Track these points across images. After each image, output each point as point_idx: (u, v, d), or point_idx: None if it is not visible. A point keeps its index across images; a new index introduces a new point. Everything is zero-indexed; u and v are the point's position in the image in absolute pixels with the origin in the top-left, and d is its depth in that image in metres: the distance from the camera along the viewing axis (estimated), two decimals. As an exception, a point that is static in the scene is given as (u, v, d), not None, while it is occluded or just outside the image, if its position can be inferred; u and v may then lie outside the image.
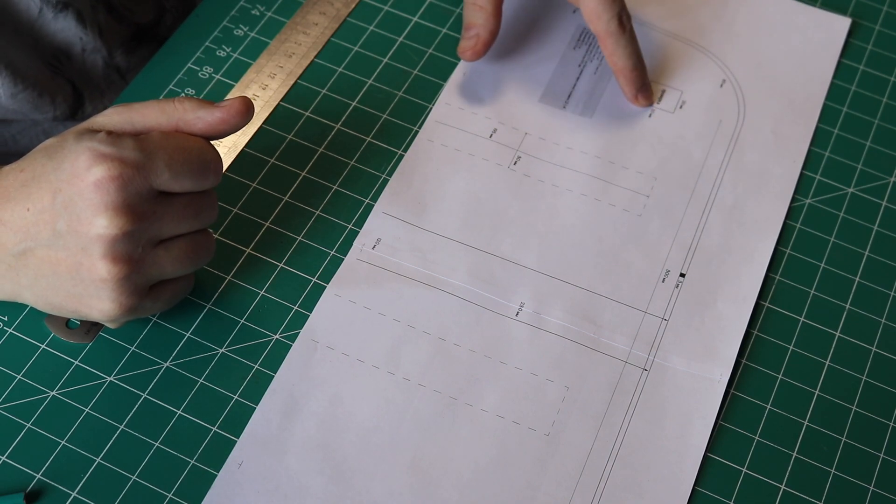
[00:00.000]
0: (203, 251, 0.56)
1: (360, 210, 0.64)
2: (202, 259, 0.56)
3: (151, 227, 0.52)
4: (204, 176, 0.54)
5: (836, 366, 0.61)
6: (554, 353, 0.60)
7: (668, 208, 0.66)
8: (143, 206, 0.51)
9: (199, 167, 0.53)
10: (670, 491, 0.56)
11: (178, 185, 0.53)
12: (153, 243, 0.53)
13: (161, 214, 0.52)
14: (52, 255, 0.52)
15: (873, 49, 0.75)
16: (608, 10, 0.67)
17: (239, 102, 0.54)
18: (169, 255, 0.54)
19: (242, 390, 0.58)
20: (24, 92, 0.68)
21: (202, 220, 0.55)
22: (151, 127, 0.53)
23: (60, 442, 0.56)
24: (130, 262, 0.52)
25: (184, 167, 0.52)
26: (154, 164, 0.51)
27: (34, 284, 0.53)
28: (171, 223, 0.53)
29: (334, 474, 0.55)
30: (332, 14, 0.73)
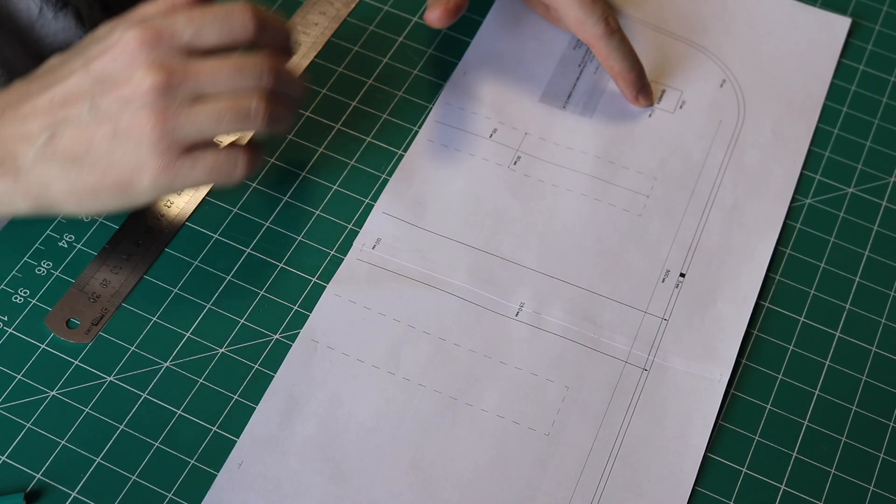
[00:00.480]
0: (244, 112, 0.54)
1: (360, 210, 0.64)
2: (244, 121, 0.55)
3: (187, 80, 0.53)
4: (229, 26, 0.54)
5: (836, 366, 0.61)
6: (554, 353, 0.60)
7: (668, 208, 0.66)
8: (175, 61, 0.53)
9: (223, 17, 0.54)
10: (670, 491, 0.56)
11: (202, 37, 0.53)
12: (192, 98, 0.53)
13: (196, 68, 0.53)
14: (85, 130, 0.52)
15: (873, 49, 0.75)
16: (591, 15, 0.67)
17: None
18: (206, 110, 0.53)
19: (242, 390, 0.58)
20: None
21: (248, 78, 0.54)
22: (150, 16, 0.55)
23: (60, 442, 0.56)
24: (168, 115, 0.52)
25: (204, 17, 0.53)
26: (176, 22, 0.53)
27: (66, 172, 0.53)
28: (207, 77, 0.53)
29: (334, 474, 0.55)
30: (332, 14, 0.73)
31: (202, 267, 0.62)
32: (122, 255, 0.61)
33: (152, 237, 0.62)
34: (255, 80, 0.55)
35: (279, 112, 0.55)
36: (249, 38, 0.55)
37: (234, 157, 0.55)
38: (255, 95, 0.54)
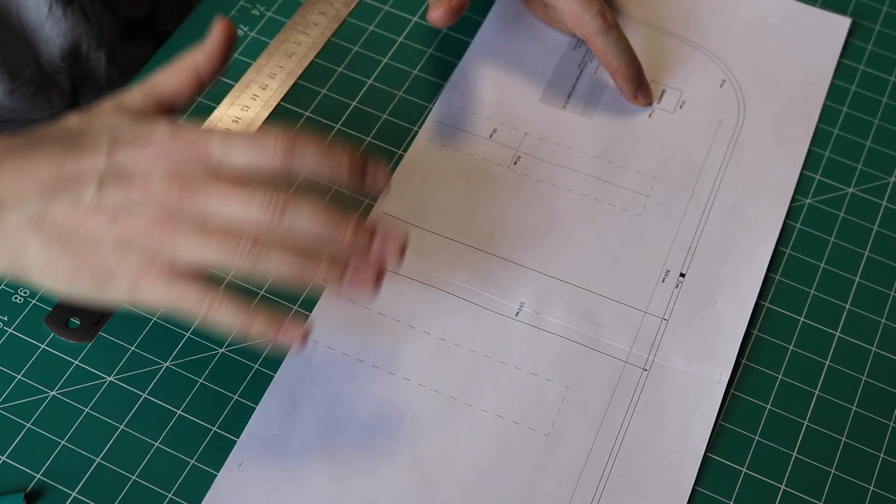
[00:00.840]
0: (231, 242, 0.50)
1: (361, 210, 0.64)
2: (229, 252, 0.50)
3: (197, 198, 0.50)
4: (258, 148, 0.51)
5: (836, 366, 0.61)
6: (554, 353, 0.60)
7: (668, 208, 0.66)
8: (193, 176, 0.50)
9: (254, 140, 0.51)
10: (670, 491, 0.56)
11: (230, 156, 0.51)
12: (196, 220, 0.50)
13: (209, 189, 0.50)
14: (83, 211, 0.50)
15: (873, 49, 0.75)
16: (588, 11, 0.67)
17: (215, 24, 0.54)
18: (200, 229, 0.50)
19: (242, 390, 0.58)
20: (22, 89, 0.68)
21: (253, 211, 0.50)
22: (175, 89, 0.54)
23: (60, 442, 0.56)
24: (167, 226, 0.50)
25: (237, 138, 0.51)
26: (210, 138, 0.51)
27: (44, 249, 0.50)
28: (216, 200, 0.50)
29: (334, 474, 0.55)
30: (332, 14, 0.73)
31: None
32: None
33: (152, 237, 0.62)
34: (261, 216, 0.50)
35: (278, 257, 0.50)
36: (278, 166, 0.51)
37: (202, 296, 0.50)
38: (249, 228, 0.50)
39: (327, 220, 0.50)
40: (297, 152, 0.51)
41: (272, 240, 0.50)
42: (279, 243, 0.50)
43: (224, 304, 0.51)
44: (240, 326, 0.51)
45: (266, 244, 0.50)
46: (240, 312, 0.51)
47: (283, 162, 0.51)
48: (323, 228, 0.50)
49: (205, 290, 0.50)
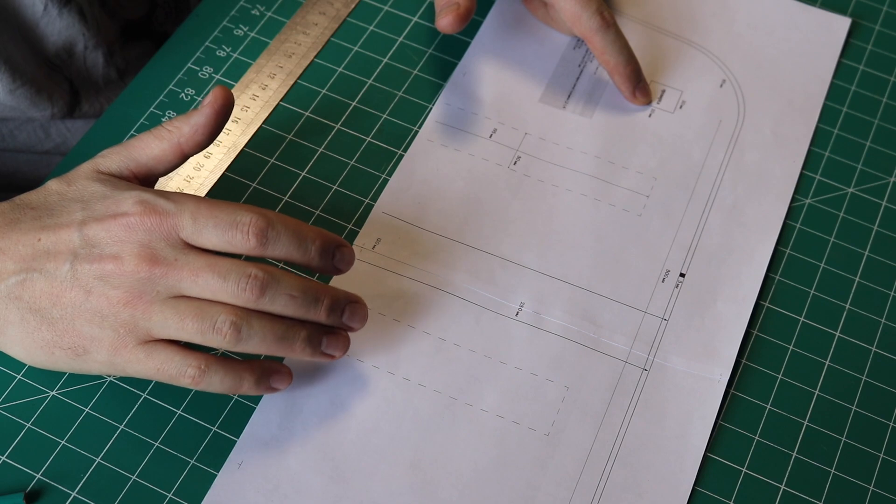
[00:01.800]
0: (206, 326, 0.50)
1: (360, 210, 0.64)
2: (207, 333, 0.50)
3: (169, 274, 0.50)
4: (230, 232, 0.51)
5: (836, 366, 0.61)
6: (554, 353, 0.60)
7: (668, 208, 0.66)
8: (165, 252, 0.51)
9: (226, 223, 0.51)
10: (670, 491, 0.56)
11: (202, 237, 0.51)
12: (170, 293, 0.51)
13: (181, 265, 0.50)
14: (58, 285, 0.51)
15: (873, 49, 0.75)
16: (587, 9, 0.67)
17: (214, 92, 0.54)
18: (175, 308, 0.50)
19: (242, 390, 0.58)
20: (23, 88, 0.68)
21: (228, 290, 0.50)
22: (155, 156, 0.54)
23: (60, 442, 0.56)
24: (140, 301, 0.50)
25: (208, 219, 0.51)
26: (182, 214, 0.51)
27: (26, 318, 0.52)
28: (188, 277, 0.50)
29: (334, 474, 0.55)
30: (332, 14, 0.73)
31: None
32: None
33: (152, 237, 0.62)
34: (237, 294, 0.51)
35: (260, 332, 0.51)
36: (251, 250, 0.51)
37: (186, 363, 0.51)
38: (225, 309, 0.50)
39: (304, 300, 0.52)
40: (270, 239, 0.51)
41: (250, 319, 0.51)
42: (257, 322, 0.51)
43: (209, 370, 0.52)
44: (229, 390, 0.53)
45: (245, 323, 0.51)
46: (227, 377, 0.52)
47: (256, 248, 0.51)
48: (299, 310, 0.52)
49: (187, 358, 0.52)
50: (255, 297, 0.51)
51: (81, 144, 0.66)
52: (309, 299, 0.52)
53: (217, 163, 0.65)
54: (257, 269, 0.51)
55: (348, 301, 0.54)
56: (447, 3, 0.67)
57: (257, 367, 0.53)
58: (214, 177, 0.65)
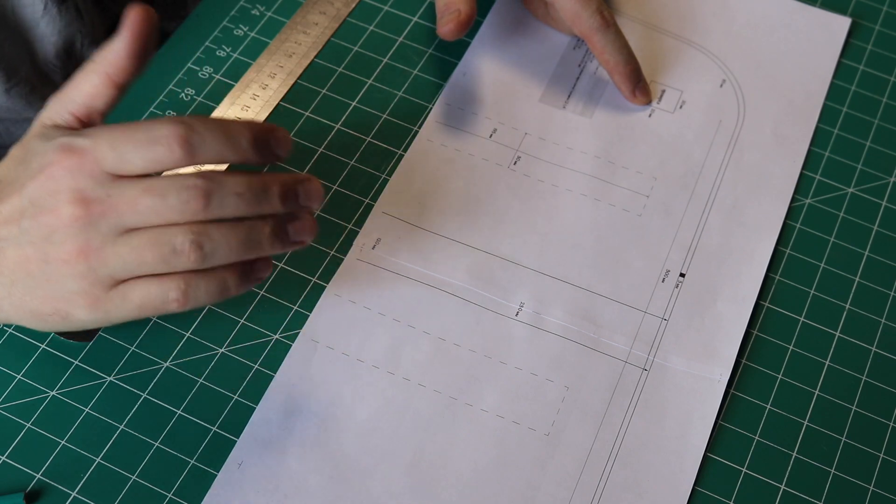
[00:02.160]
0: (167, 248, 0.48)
1: (360, 210, 0.64)
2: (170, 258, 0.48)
3: (108, 213, 0.48)
4: (151, 149, 0.47)
5: (836, 366, 0.61)
6: (554, 353, 0.60)
7: (668, 208, 0.66)
8: (96, 191, 0.48)
9: (145, 140, 0.47)
10: (670, 491, 0.56)
11: (125, 164, 0.48)
12: (116, 231, 0.48)
13: (116, 199, 0.48)
14: (21, 252, 0.50)
15: (873, 49, 0.75)
16: (587, 8, 0.67)
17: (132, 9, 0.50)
18: (128, 245, 0.48)
19: (242, 390, 0.58)
20: (18, 87, 0.68)
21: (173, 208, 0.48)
22: (88, 93, 0.51)
23: (60, 442, 0.56)
24: (89, 250, 0.48)
25: (126, 143, 0.48)
26: (98, 146, 0.48)
27: (11, 292, 0.51)
28: (128, 209, 0.48)
29: (334, 474, 0.55)
30: (332, 14, 0.73)
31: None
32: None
33: (152, 237, 0.62)
34: (182, 210, 0.48)
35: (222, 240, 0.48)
36: (178, 161, 0.47)
37: (165, 289, 0.49)
38: (181, 229, 0.48)
39: (253, 194, 0.49)
40: (195, 145, 0.47)
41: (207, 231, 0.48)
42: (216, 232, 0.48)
43: (191, 285, 0.49)
44: (217, 296, 0.50)
45: (204, 237, 0.48)
46: (211, 284, 0.50)
47: (183, 158, 0.47)
48: (252, 205, 0.49)
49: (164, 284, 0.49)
50: (202, 207, 0.47)
51: (81, 144, 0.66)
52: (257, 192, 0.49)
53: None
54: (194, 178, 0.47)
55: (298, 182, 0.50)
56: (448, 10, 0.67)
57: (237, 265, 0.50)
58: (214, 177, 0.65)
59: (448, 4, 0.67)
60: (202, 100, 0.68)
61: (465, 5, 0.67)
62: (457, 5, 0.67)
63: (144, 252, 0.48)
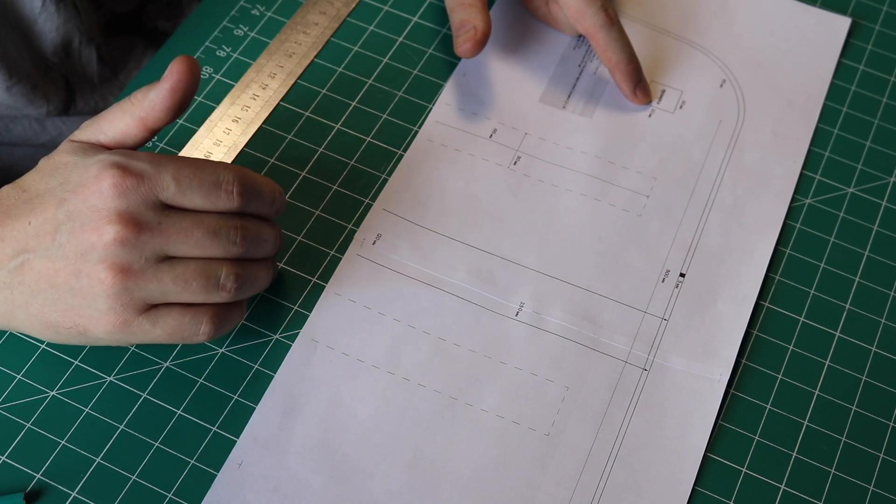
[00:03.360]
0: (212, 283, 0.51)
1: (360, 210, 0.64)
2: (212, 292, 0.52)
3: (155, 238, 0.50)
4: (214, 193, 0.51)
5: (836, 366, 0.61)
6: (554, 353, 0.60)
7: (668, 208, 0.66)
8: (148, 215, 0.50)
9: (210, 184, 0.51)
10: (670, 491, 0.56)
11: (185, 199, 0.51)
12: (158, 257, 0.50)
13: (167, 227, 0.50)
14: (51, 265, 0.50)
15: (873, 49, 0.75)
16: (591, 5, 0.67)
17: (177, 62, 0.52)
18: (172, 273, 0.50)
19: (242, 390, 0.58)
20: (19, 85, 0.69)
21: (220, 245, 0.51)
22: (121, 130, 0.53)
23: (60, 442, 0.56)
24: (129, 272, 0.50)
25: (192, 180, 0.50)
26: (161, 176, 0.50)
27: (29, 302, 0.52)
28: (178, 239, 0.50)
29: (334, 474, 0.55)
30: (332, 14, 0.73)
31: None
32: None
33: (152, 237, 0.62)
34: (229, 249, 0.52)
35: (253, 278, 0.53)
36: (234, 209, 0.52)
37: (198, 321, 0.52)
38: (225, 265, 0.52)
39: (276, 239, 0.55)
40: (247, 198, 0.52)
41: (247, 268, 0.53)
42: (253, 267, 0.53)
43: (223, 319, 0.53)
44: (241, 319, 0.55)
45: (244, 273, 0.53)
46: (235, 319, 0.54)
47: (237, 207, 0.52)
48: (274, 249, 0.55)
49: (197, 316, 0.52)
50: (244, 249, 0.52)
51: (81, 144, 0.66)
52: (277, 238, 0.55)
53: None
54: (238, 220, 0.52)
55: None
56: (463, 28, 0.67)
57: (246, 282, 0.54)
58: (214, 177, 0.65)
59: (463, 22, 0.68)
60: (202, 100, 0.68)
61: (481, 22, 0.67)
62: (472, 22, 0.67)
63: (190, 282, 0.51)
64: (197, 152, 0.65)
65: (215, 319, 0.53)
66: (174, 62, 0.52)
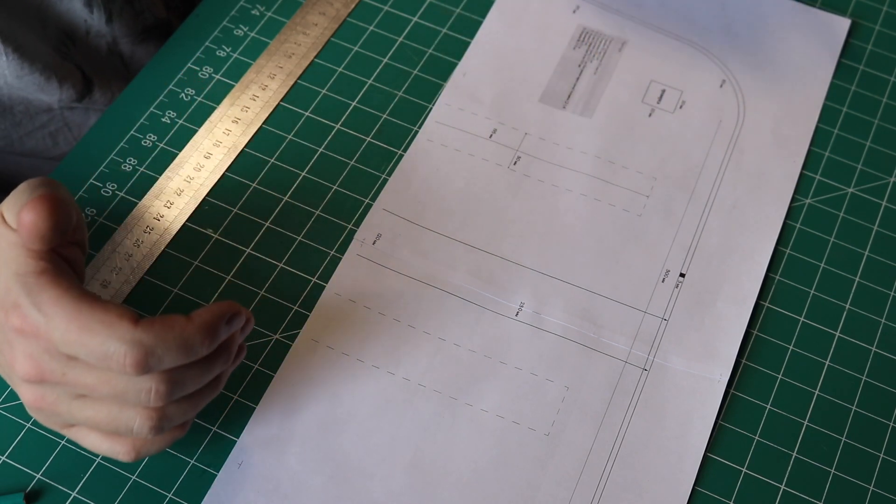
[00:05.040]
0: (125, 429, 0.48)
1: (360, 210, 0.64)
2: (126, 435, 0.48)
3: (61, 386, 0.47)
4: (105, 363, 0.45)
5: (836, 366, 0.61)
6: (554, 353, 0.60)
7: (668, 208, 0.66)
8: (51, 364, 0.46)
9: (98, 355, 0.45)
10: (670, 491, 0.56)
11: (78, 356, 0.46)
12: (70, 395, 0.48)
13: (72, 379, 0.47)
14: None
15: (873, 49, 0.75)
16: None
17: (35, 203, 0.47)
18: (83, 414, 0.48)
19: (242, 390, 0.58)
20: (31, 75, 0.69)
21: (131, 404, 0.47)
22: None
23: (60, 442, 0.56)
24: (43, 401, 0.48)
25: (79, 348, 0.45)
26: (52, 334, 0.46)
27: None
28: (85, 390, 0.47)
29: (334, 474, 0.55)
30: (332, 14, 0.73)
31: (202, 267, 0.62)
32: (122, 256, 0.61)
33: (152, 237, 0.62)
34: (138, 403, 0.47)
35: (184, 413, 0.49)
36: (133, 374, 0.46)
37: (116, 451, 0.49)
38: (140, 415, 0.47)
39: (211, 379, 0.50)
40: (152, 365, 0.45)
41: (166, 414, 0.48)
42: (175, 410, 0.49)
43: (144, 451, 0.50)
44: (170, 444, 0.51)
45: (163, 420, 0.48)
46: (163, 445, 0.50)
47: (136, 375, 0.46)
48: (210, 390, 0.50)
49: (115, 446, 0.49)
50: (164, 402, 0.47)
51: (81, 145, 0.66)
52: (210, 374, 0.49)
53: (217, 163, 0.65)
54: (154, 382, 0.46)
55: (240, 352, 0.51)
56: None
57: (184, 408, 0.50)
58: (215, 177, 0.65)
59: None
60: (202, 100, 0.68)
61: None
62: None
63: (100, 423, 0.48)
64: (197, 152, 0.65)
65: (133, 452, 0.50)
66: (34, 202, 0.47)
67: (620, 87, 0.71)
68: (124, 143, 0.66)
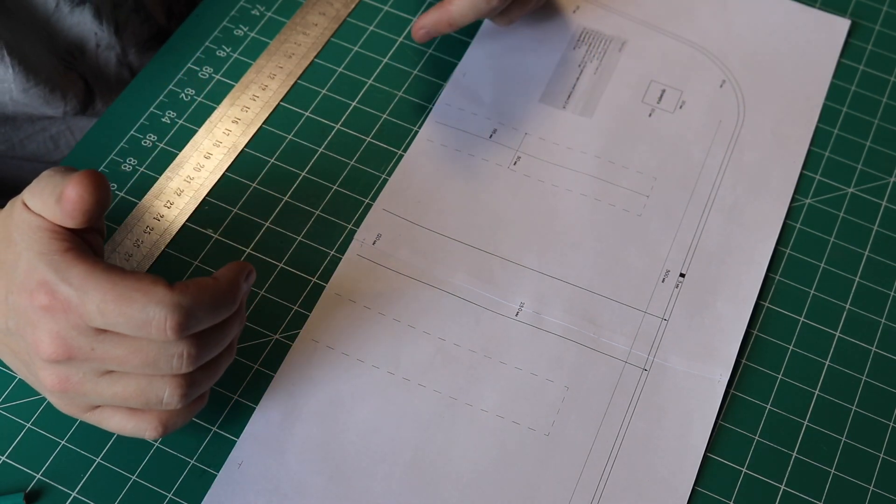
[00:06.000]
0: (154, 401, 0.48)
1: (360, 210, 0.64)
2: (155, 408, 0.49)
3: (89, 362, 0.47)
4: (145, 331, 0.46)
5: (836, 366, 0.61)
6: (554, 353, 0.60)
7: (668, 208, 0.66)
8: (79, 341, 0.46)
9: (138, 322, 0.45)
10: (670, 491, 0.56)
11: (113, 328, 0.46)
12: (97, 372, 0.48)
13: (101, 353, 0.47)
14: (11, 343, 0.50)
15: (873, 49, 0.75)
16: None
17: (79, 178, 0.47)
18: (111, 390, 0.48)
19: (242, 390, 0.58)
20: (37, 87, 0.69)
21: (162, 372, 0.48)
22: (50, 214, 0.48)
23: (60, 442, 0.56)
24: (68, 382, 0.48)
25: (118, 317, 0.45)
26: (86, 307, 0.46)
27: (14, 365, 0.52)
28: (114, 364, 0.47)
29: (334, 474, 0.55)
30: (332, 14, 0.73)
31: (202, 267, 0.62)
32: (122, 256, 0.61)
33: (152, 237, 0.62)
34: (173, 374, 0.48)
35: (206, 381, 0.50)
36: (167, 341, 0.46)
37: (142, 428, 0.50)
38: (169, 384, 0.48)
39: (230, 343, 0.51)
40: (190, 328, 0.46)
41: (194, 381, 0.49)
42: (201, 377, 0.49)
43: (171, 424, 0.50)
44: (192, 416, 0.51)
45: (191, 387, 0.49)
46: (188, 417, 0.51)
47: (175, 339, 0.46)
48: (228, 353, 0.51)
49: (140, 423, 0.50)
50: (192, 368, 0.48)
51: (81, 145, 0.66)
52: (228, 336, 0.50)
53: (217, 163, 0.65)
54: (186, 345, 0.47)
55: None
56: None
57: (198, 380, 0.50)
58: (215, 177, 0.65)
59: None
60: (202, 100, 0.68)
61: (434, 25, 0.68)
62: None
63: (128, 398, 0.48)
64: (197, 152, 0.65)
65: (161, 427, 0.50)
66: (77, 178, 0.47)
67: (620, 87, 0.71)
68: (124, 144, 0.66)
